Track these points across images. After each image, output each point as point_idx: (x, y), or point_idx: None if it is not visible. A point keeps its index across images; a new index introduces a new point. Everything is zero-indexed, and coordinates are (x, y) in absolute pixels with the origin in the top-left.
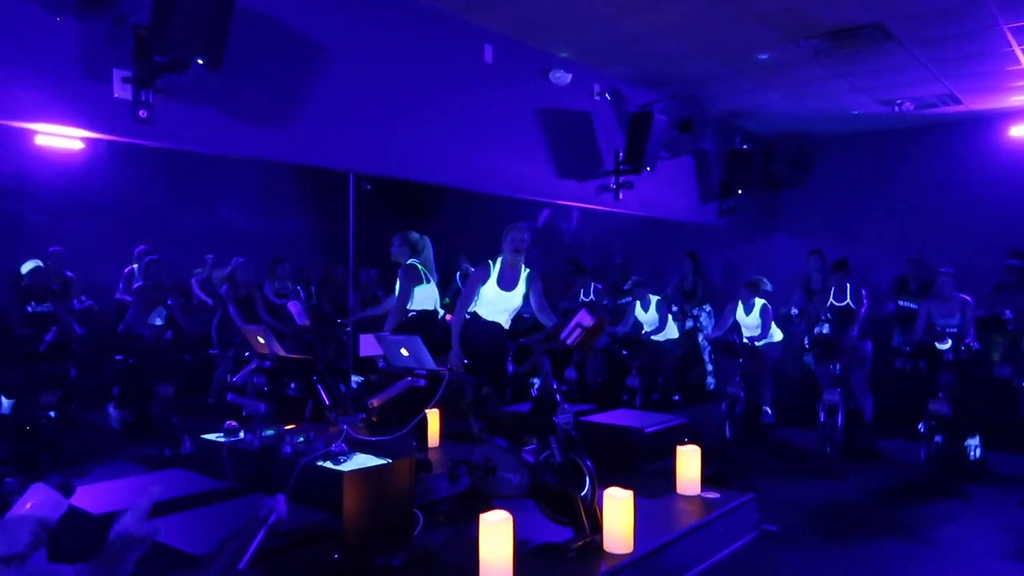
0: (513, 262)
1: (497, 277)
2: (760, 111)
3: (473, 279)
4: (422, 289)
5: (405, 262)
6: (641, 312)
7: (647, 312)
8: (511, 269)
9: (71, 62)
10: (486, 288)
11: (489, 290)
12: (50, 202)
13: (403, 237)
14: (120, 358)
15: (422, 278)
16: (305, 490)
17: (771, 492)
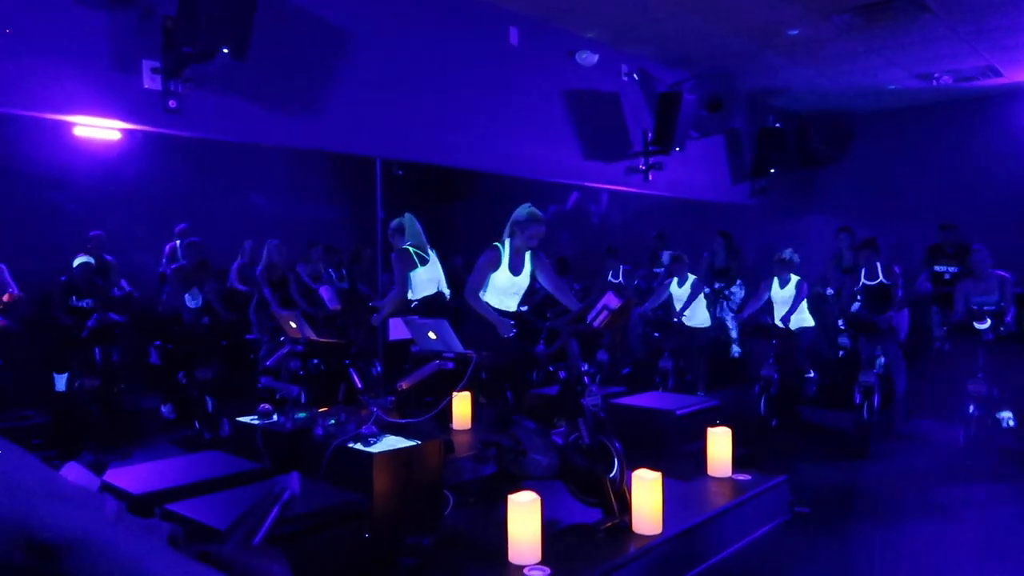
0: (523, 248)
1: (508, 263)
2: (793, 88)
3: (483, 264)
4: (418, 273)
5: (400, 247)
6: (676, 287)
7: (681, 288)
8: (518, 255)
9: (102, 55)
10: (497, 274)
11: (501, 276)
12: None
13: (392, 225)
14: (159, 343)
15: (415, 261)
16: (337, 471)
17: (804, 474)
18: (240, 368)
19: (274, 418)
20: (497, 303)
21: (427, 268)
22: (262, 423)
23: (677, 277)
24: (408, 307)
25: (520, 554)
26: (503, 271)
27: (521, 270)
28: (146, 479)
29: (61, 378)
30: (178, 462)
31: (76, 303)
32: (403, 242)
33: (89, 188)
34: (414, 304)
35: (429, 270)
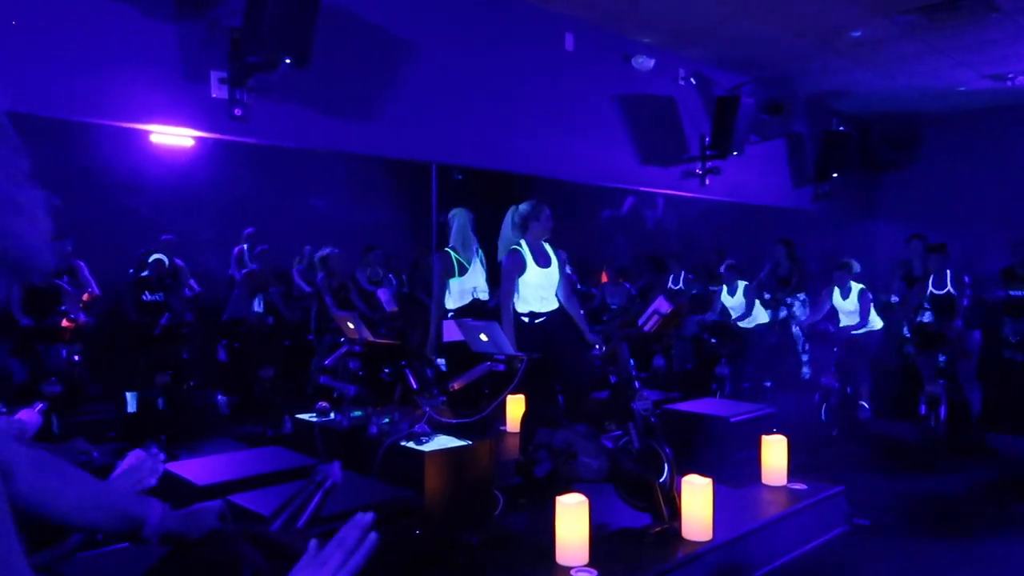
0: (541, 238)
1: (533, 259)
2: (856, 90)
3: (509, 269)
4: (456, 282)
5: (443, 249)
6: (727, 297)
7: (733, 298)
8: (540, 248)
9: (174, 66)
10: (527, 274)
11: (531, 274)
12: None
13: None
14: (226, 342)
15: (454, 269)
16: (390, 468)
17: (865, 486)
18: (301, 368)
19: (331, 416)
20: (538, 303)
21: (466, 277)
22: (320, 420)
23: (727, 286)
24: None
25: (568, 555)
26: (531, 268)
27: (548, 261)
28: (210, 471)
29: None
30: (240, 456)
31: (148, 298)
32: (448, 241)
33: (162, 193)
34: (451, 314)
35: (469, 279)
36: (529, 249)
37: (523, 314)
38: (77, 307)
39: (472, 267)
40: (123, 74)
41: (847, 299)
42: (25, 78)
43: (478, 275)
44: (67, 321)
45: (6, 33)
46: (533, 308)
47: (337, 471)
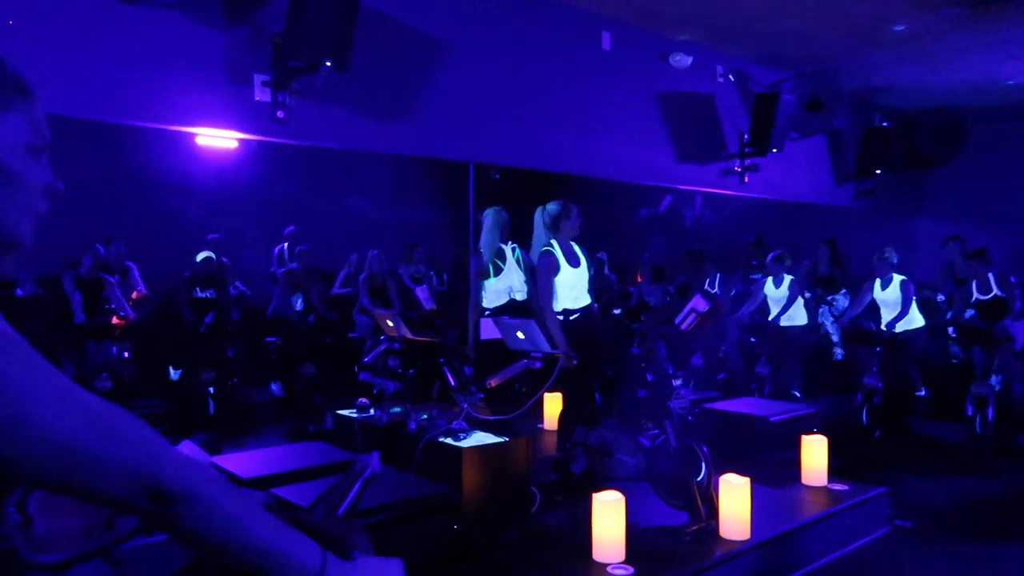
0: (570, 237)
1: (565, 259)
2: (899, 86)
3: (545, 270)
4: (490, 284)
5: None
6: (772, 288)
7: (778, 289)
8: (569, 247)
9: (220, 70)
10: (560, 275)
11: (564, 274)
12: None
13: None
14: (270, 340)
15: (488, 270)
16: (428, 464)
17: (909, 487)
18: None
19: (371, 412)
20: (571, 301)
21: (500, 278)
22: (360, 416)
23: (773, 277)
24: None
25: (604, 552)
26: (564, 269)
27: (578, 260)
28: (254, 465)
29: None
30: (283, 450)
31: (199, 294)
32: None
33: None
34: (487, 313)
35: (503, 279)
36: (560, 249)
37: (557, 313)
38: (126, 304)
39: (507, 267)
40: (171, 79)
41: (887, 289)
42: (78, 83)
43: (513, 275)
44: (117, 319)
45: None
46: (567, 306)
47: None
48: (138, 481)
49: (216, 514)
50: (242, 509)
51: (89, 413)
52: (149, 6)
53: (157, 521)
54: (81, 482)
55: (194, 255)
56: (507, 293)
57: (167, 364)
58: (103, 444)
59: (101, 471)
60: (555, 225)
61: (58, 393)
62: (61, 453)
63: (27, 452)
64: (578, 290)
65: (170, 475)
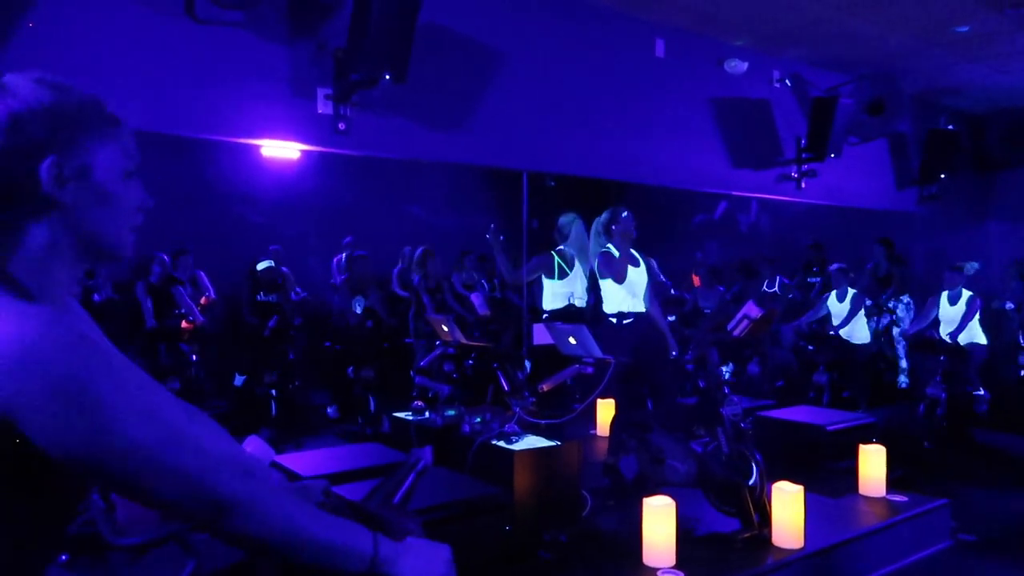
0: (627, 240)
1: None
2: (965, 87)
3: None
4: (551, 284)
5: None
6: (835, 302)
7: (841, 303)
8: (626, 250)
9: (284, 84)
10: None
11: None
12: (270, 205)
13: (560, 221)
14: (329, 344)
15: (554, 270)
16: (481, 466)
17: (973, 500)
18: (400, 369)
19: (426, 415)
20: (627, 304)
21: (564, 282)
22: (415, 419)
23: (836, 291)
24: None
25: (655, 556)
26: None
27: (636, 262)
28: (313, 464)
29: (241, 377)
30: (341, 451)
31: (263, 298)
32: (558, 244)
33: (271, 202)
34: (545, 316)
35: (568, 283)
36: (617, 251)
37: (611, 315)
38: (195, 308)
39: (573, 272)
40: (239, 93)
41: (955, 305)
42: (151, 98)
43: (577, 281)
44: (186, 323)
45: (134, 56)
46: (622, 308)
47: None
48: (200, 494)
49: (271, 521)
50: (296, 512)
51: (165, 425)
52: (219, 24)
53: (214, 530)
54: (148, 491)
55: (258, 262)
56: (568, 297)
57: (232, 371)
58: (173, 457)
59: (168, 483)
60: (607, 231)
61: (140, 405)
62: (135, 463)
63: (106, 459)
64: (635, 288)
65: (230, 488)
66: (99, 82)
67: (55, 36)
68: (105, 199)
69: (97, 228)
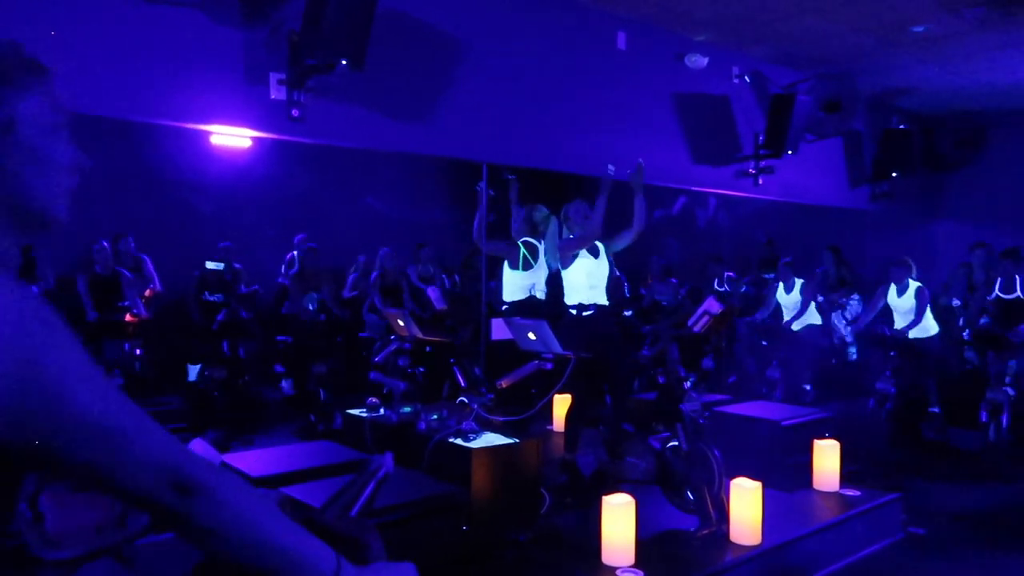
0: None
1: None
2: (919, 88)
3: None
4: (511, 275)
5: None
6: (783, 295)
7: (789, 295)
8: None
9: (236, 68)
10: (581, 261)
11: (585, 262)
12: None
13: (528, 211)
14: (282, 338)
15: (517, 262)
16: (438, 464)
17: (922, 494)
18: (353, 364)
19: (381, 411)
20: (587, 294)
21: (528, 274)
22: (370, 416)
23: (784, 283)
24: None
25: (614, 555)
26: (584, 256)
27: (597, 252)
28: (263, 463)
29: (194, 368)
30: (293, 449)
31: (209, 298)
32: (526, 236)
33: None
34: (505, 307)
35: (530, 276)
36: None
37: (571, 306)
38: (139, 301)
39: (537, 265)
40: (188, 76)
41: (903, 297)
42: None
43: (540, 274)
44: (130, 316)
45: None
46: (582, 299)
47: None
48: (164, 471)
49: (234, 511)
50: (259, 508)
51: (121, 399)
52: (167, 4)
53: (175, 518)
54: (110, 468)
55: (207, 253)
56: (529, 290)
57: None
58: (135, 430)
59: (131, 457)
60: (569, 223)
61: (94, 376)
62: (95, 435)
63: (63, 433)
64: (595, 279)
65: (193, 468)
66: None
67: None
68: (32, 156)
69: (25, 189)
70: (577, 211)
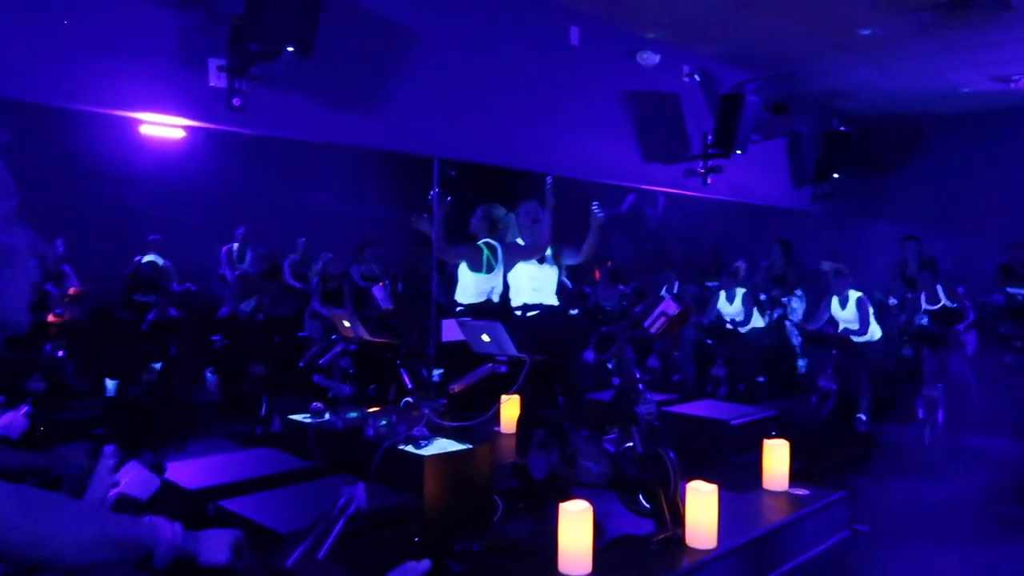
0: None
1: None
2: (860, 91)
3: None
4: (475, 277)
5: (478, 240)
6: (725, 304)
7: (731, 305)
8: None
9: (170, 53)
10: (526, 266)
11: (530, 267)
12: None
13: (486, 210)
14: (217, 338)
15: (481, 265)
16: (387, 472)
17: (864, 490)
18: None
19: (326, 417)
20: (531, 295)
21: (489, 276)
22: (314, 421)
23: (725, 292)
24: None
25: (570, 564)
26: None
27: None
28: (200, 474)
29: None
30: (232, 458)
31: (141, 299)
32: (486, 236)
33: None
34: (459, 309)
35: (491, 279)
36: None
37: (517, 307)
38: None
39: (498, 268)
40: (115, 60)
41: (845, 308)
42: (12, 62)
43: (499, 277)
44: (53, 316)
45: None
46: (526, 300)
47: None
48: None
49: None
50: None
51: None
52: None
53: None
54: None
55: (138, 250)
56: (488, 293)
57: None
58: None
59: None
60: (519, 223)
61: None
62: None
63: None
64: (540, 283)
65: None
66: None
67: None
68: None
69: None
70: (527, 213)
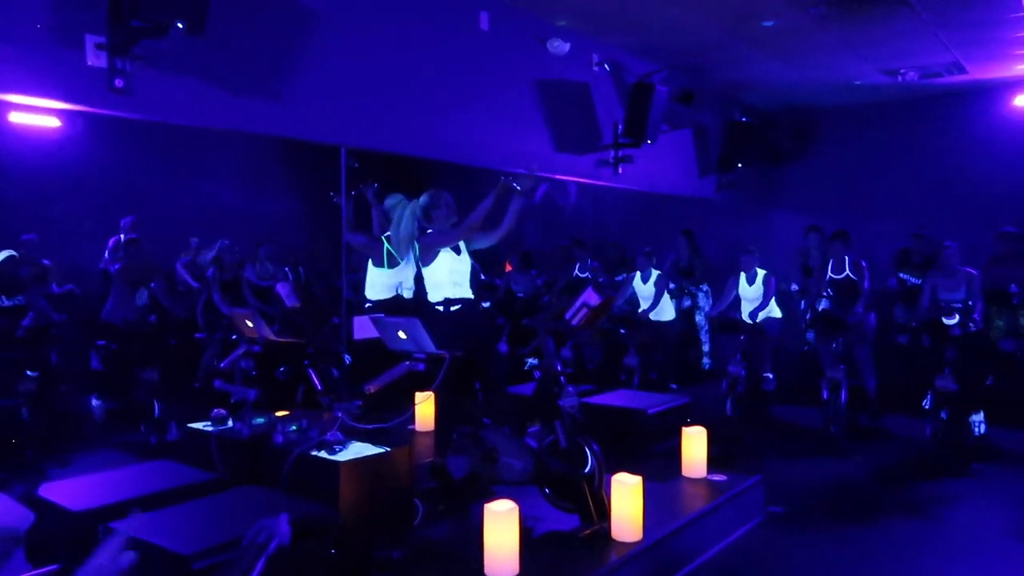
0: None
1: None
2: (762, 82)
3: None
4: (378, 272)
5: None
6: (640, 284)
7: (645, 285)
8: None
9: (39, 26)
10: (443, 260)
11: (447, 260)
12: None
13: (384, 203)
14: (103, 343)
15: (382, 259)
16: (299, 481)
17: (775, 472)
18: (189, 369)
19: (229, 424)
20: (451, 289)
21: (394, 271)
22: (216, 429)
23: (642, 274)
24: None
25: (497, 566)
26: (446, 254)
27: (459, 249)
28: (87, 493)
29: None
30: (123, 473)
31: (7, 303)
32: (383, 231)
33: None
34: (368, 306)
35: (398, 273)
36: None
37: (437, 302)
38: None
39: (405, 262)
40: None
41: (752, 285)
42: None
43: (408, 271)
44: None
45: None
46: (447, 294)
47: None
48: None
49: None
50: None
51: None
52: None
53: None
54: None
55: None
56: (396, 288)
57: None
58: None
59: None
60: (427, 216)
61: None
62: None
63: None
64: (459, 276)
65: None
66: None
67: None
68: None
69: None
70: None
